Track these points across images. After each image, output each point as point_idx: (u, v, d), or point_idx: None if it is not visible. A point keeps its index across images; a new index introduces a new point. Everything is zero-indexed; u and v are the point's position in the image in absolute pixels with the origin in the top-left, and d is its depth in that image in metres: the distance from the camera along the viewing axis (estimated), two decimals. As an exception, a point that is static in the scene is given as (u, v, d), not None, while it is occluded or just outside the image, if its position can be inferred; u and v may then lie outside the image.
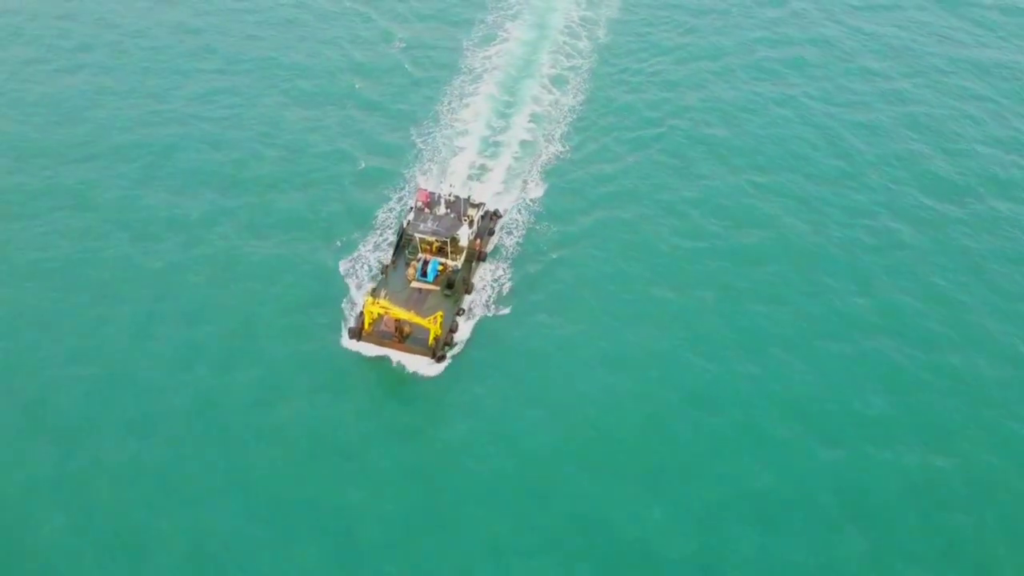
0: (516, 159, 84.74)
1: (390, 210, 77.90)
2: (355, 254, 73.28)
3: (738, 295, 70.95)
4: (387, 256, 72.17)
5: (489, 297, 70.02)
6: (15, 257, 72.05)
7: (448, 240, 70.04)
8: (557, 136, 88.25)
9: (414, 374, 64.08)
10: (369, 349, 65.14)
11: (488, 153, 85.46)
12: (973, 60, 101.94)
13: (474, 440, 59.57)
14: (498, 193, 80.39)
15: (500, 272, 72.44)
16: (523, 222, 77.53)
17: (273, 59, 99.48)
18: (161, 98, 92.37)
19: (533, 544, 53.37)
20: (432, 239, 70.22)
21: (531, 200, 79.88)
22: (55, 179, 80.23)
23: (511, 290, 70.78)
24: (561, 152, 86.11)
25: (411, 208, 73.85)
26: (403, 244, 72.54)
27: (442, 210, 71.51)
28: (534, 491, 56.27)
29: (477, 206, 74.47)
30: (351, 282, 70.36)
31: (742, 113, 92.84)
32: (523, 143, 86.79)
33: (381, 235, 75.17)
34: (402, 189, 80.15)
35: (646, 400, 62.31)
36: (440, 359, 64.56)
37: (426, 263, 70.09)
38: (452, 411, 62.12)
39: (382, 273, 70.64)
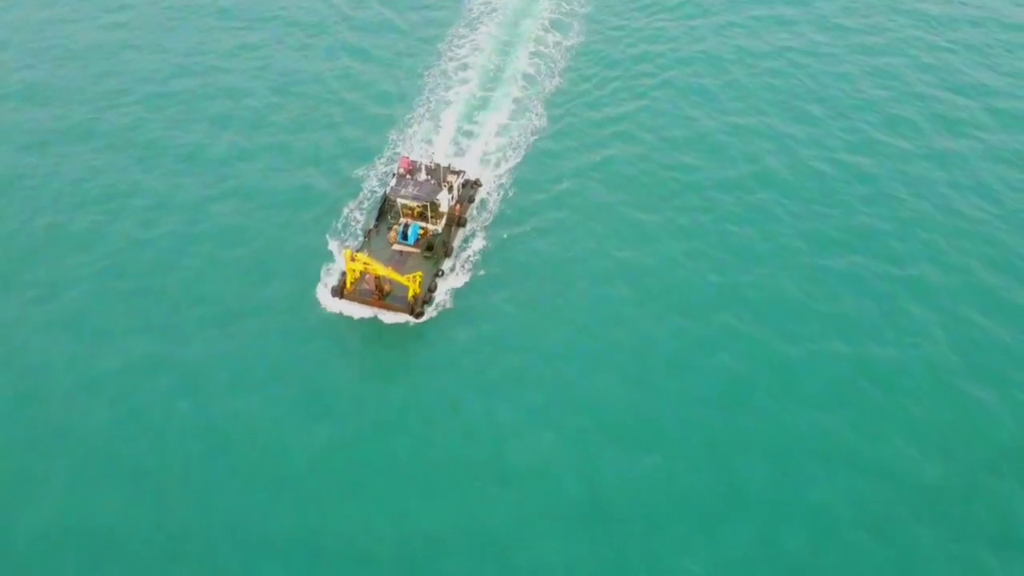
0: (523, 89, 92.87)
1: (383, 170, 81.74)
2: (341, 215, 76.83)
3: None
4: (371, 221, 75.23)
5: (483, 235, 75.05)
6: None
7: (428, 204, 73.07)
8: (558, 72, 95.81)
9: (394, 327, 67.57)
10: (351, 307, 68.16)
11: (490, 86, 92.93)
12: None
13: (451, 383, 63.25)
14: (503, 125, 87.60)
15: (493, 211, 77.84)
16: (524, 150, 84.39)
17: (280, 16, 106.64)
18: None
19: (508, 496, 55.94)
20: (413, 204, 73.26)
21: (533, 133, 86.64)
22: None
23: (503, 230, 75.80)
24: (561, 87, 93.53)
25: (394, 175, 76.83)
26: (386, 209, 75.65)
27: (423, 176, 74.46)
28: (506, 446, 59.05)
29: (457, 173, 77.47)
30: (334, 243, 73.31)
31: (738, 60, 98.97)
32: (527, 76, 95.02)
33: (369, 196, 78.77)
34: (394, 149, 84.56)
35: (636, 347, 65.55)
36: (418, 316, 67.62)
37: (407, 226, 73.14)
38: (430, 359, 65.87)
39: (365, 237, 73.72)
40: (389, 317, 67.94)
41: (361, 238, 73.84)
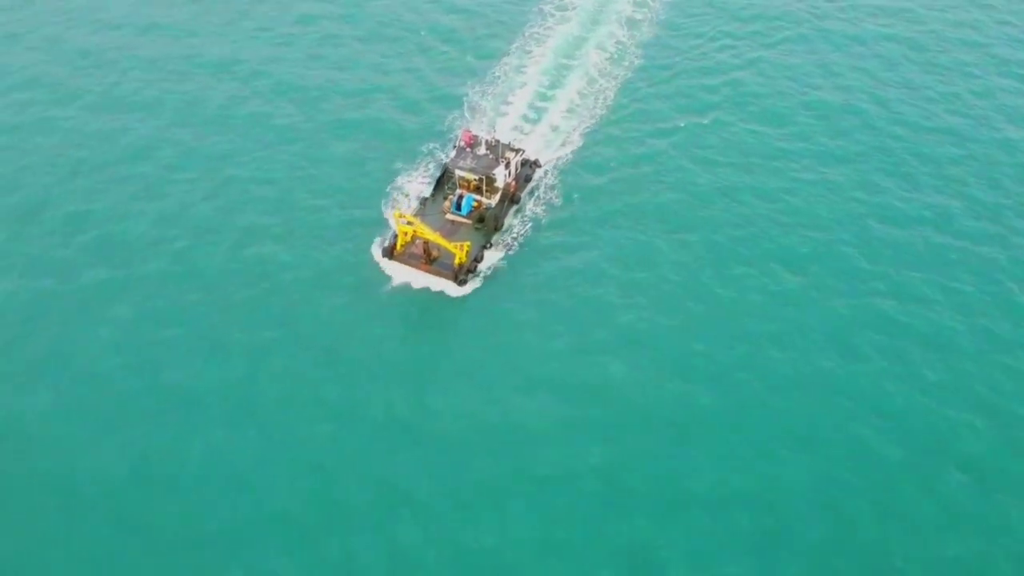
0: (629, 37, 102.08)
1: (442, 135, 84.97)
2: (398, 181, 79.36)
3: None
4: (428, 189, 77.29)
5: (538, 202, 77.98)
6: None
7: (484, 178, 74.69)
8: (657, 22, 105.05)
9: (440, 293, 69.37)
10: (399, 268, 70.19)
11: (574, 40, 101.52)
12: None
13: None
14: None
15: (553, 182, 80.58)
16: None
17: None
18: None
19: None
20: (470, 176, 75.06)
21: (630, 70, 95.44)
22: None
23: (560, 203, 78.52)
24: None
25: (454, 147, 78.71)
26: (444, 180, 77.53)
27: (482, 151, 76.20)
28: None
29: (516, 151, 78.90)
30: (388, 208, 75.62)
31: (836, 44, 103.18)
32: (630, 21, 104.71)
33: (426, 169, 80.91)
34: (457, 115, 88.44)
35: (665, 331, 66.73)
36: (462, 283, 69.25)
37: (461, 197, 74.92)
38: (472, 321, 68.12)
39: (421, 205, 75.75)
40: (432, 278, 69.64)
41: (417, 206, 75.86)
